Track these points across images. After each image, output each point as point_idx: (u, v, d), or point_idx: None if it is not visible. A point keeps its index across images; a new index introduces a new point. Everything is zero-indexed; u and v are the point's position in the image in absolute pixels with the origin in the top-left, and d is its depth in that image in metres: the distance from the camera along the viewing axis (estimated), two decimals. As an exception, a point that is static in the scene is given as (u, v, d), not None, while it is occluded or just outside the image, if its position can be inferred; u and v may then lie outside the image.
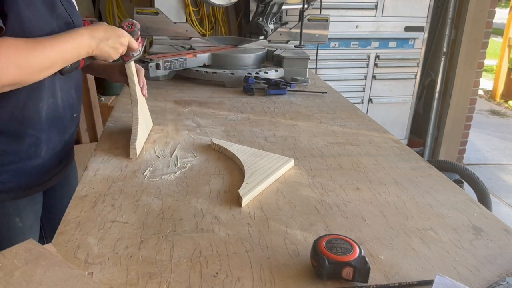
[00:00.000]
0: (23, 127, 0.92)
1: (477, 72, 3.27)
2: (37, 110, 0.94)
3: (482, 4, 3.06)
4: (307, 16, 2.02)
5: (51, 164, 1.03)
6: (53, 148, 1.02)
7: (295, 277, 0.63)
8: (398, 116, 3.26)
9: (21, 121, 0.91)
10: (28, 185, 0.99)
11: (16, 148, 0.93)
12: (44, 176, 1.03)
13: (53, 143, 1.01)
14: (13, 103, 0.89)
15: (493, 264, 0.68)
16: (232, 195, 0.86)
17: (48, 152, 1.00)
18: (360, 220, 0.79)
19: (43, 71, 0.83)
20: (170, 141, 1.11)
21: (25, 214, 1.00)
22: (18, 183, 0.97)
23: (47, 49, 0.83)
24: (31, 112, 0.92)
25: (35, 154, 0.97)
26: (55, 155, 1.04)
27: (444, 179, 0.97)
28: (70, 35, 0.88)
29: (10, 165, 0.94)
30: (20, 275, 0.55)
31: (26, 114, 0.92)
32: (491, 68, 7.50)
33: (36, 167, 0.99)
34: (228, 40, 2.10)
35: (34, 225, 1.05)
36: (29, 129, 0.93)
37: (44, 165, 1.01)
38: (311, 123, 1.31)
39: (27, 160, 0.96)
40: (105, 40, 0.93)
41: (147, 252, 0.67)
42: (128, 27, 1.01)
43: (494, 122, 5.04)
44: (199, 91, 1.61)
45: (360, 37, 2.96)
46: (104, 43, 0.93)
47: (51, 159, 1.02)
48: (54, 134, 1.01)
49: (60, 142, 1.04)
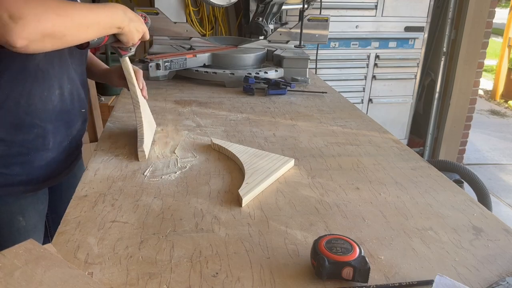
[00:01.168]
0: (29, 117, 0.93)
1: (477, 72, 3.26)
2: (44, 100, 0.94)
3: (482, 4, 3.06)
4: (307, 16, 2.02)
5: (58, 158, 1.04)
6: (60, 141, 1.03)
7: (295, 277, 0.63)
8: (398, 116, 3.26)
9: (27, 111, 0.92)
10: (37, 179, 1.00)
11: (23, 139, 0.94)
12: (52, 171, 1.04)
13: (60, 136, 1.03)
14: (19, 91, 0.90)
15: (493, 264, 0.68)
16: (232, 195, 0.86)
17: (56, 145, 1.02)
18: (360, 220, 0.79)
19: (81, 28, 0.80)
20: (170, 141, 1.11)
21: (28, 213, 1.01)
22: (27, 176, 0.98)
23: (84, 9, 0.81)
24: (37, 102, 0.93)
25: (42, 146, 0.98)
26: (63, 150, 1.05)
27: (444, 179, 0.97)
28: (106, 5, 0.88)
29: (18, 157, 0.95)
30: (20, 275, 0.55)
31: (32, 103, 0.92)
32: (491, 68, 7.50)
33: (45, 159, 1.00)
34: (228, 40, 2.10)
35: (39, 225, 1.06)
36: (35, 119, 0.94)
37: (52, 158, 1.02)
38: (311, 123, 1.31)
39: (35, 152, 0.97)
40: (133, 21, 0.93)
41: (147, 252, 0.67)
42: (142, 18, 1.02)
43: (494, 122, 5.04)
44: (199, 91, 1.61)
45: (360, 37, 2.96)
46: (133, 24, 0.93)
47: (58, 153, 1.04)
48: (61, 127, 1.02)
49: (67, 136, 1.06)
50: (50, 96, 0.96)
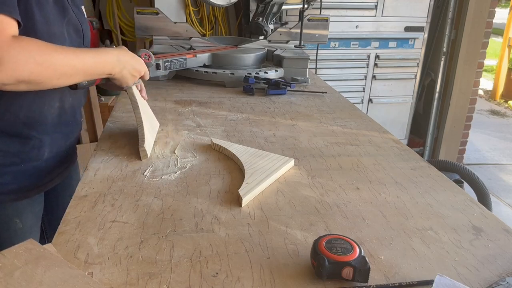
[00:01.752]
0: (27, 129, 0.92)
1: (477, 72, 3.26)
2: (43, 114, 0.93)
3: (482, 4, 3.06)
4: (307, 16, 2.02)
5: (53, 166, 1.03)
6: (56, 151, 1.02)
7: (295, 277, 0.63)
8: (398, 116, 3.26)
9: (26, 123, 0.91)
10: (29, 187, 0.99)
11: (19, 150, 0.93)
12: (45, 178, 1.02)
13: (57, 146, 1.01)
14: (18, 104, 0.89)
15: (493, 264, 0.68)
16: (232, 195, 0.86)
17: (51, 155, 1.00)
18: (360, 220, 0.79)
19: (62, 76, 0.81)
20: (170, 141, 1.11)
21: (25, 215, 1.00)
22: (19, 184, 0.96)
23: (70, 55, 0.82)
24: (36, 115, 0.92)
25: (37, 157, 0.97)
26: (58, 158, 1.04)
27: (444, 179, 0.97)
28: (98, 51, 0.89)
29: (11, 167, 0.93)
30: (20, 275, 0.55)
31: (32, 116, 0.91)
32: (491, 68, 7.50)
33: (38, 169, 0.98)
34: (228, 40, 2.10)
35: (35, 226, 1.05)
36: (33, 131, 0.93)
37: (46, 167, 1.01)
38: (311, 123, 1.31)
39: (29, 162, 0.96)
40: (128, 66, 0.95)
41: (147, 252, 0.67)
42: (145, 57, 1.04)
43: (494, 122, 5.03)
44: (199, 91, 1.61)
45: (360, 37, 2.96)
46: (127, 69, 0.95)
47: (53, 161, 1.02)
48: (58, 138, 1.01)
49: (65, 146, 1.04)
50: (49, 110, 0.95)
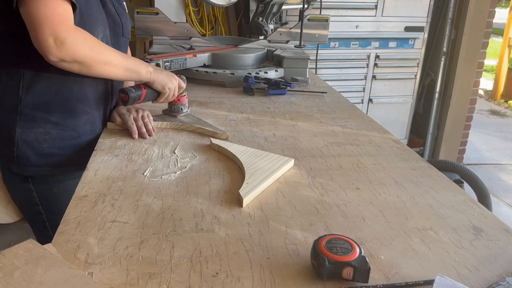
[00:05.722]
0: (80, 104, 1.06)
1: (477, 72, 3.26)
2: (94, 89, 1.08)
3: (482, 4, 3.06)
4: (307, 16, 2.02)
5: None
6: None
7: (295, 277, 0.63)
8: (398, 116, 3.26)
9: (79, 98, 1.05)
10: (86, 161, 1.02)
11: (74, 123, 1.06)
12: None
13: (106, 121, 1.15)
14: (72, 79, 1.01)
15: (493, 264, 0.68)
16: (232, 195, 0.86)
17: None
18: (360, 220, 0.79)
19: (107, 65, 0.97)
20: (170, 141, 1.11)
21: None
22: (77, 157, 1.07)
23: (115, 53, 1.00)
24: (88, 91, 1.06)
25: (91, 131, 1.11)
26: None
27: (444, 179, 0.97)
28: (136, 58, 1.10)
29: (70, 140, 1.06)
30: (20, 275, 0.55)
31: (84, 92, 1.05)
32: (491, 68, 7.50)
33: (92, 145, 1.06)
34: (228, 40, 2.10)
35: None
36: (86, 107, 1.07)
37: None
38: (311, 123, 1.31)
39: (85, 136, 1.09)
40: (160, 71, 1.12)
41: (147, 252, 0.67)
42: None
43: (494, 122, 5.03)
44: (199, 91, 1.61)
45: (360, 37, 2.96)
46: (160, 72, 1.11)
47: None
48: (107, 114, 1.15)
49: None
50: (101, 85, 1.09)
